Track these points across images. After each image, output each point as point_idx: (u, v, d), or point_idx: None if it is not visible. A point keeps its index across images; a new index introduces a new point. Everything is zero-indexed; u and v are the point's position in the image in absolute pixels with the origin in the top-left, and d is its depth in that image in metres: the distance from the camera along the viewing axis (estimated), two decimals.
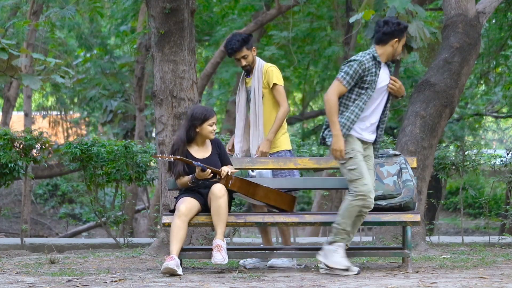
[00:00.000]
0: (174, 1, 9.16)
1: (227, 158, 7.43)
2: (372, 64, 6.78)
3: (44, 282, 6.27)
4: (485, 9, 10.39)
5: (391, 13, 10.03)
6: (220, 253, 6.86)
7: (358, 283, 5.99)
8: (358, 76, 6.73)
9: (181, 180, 7.24)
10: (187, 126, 7.33)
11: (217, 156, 7.34)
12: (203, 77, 16.77)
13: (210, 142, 7.42)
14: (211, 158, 7.29)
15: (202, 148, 7.36)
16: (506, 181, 11.46)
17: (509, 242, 10.80)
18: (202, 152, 7.34)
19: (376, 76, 6.78)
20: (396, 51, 6.93)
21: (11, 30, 17.40)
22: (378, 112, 6.92)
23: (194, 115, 7.30)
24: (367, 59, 6.77)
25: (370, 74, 6.76)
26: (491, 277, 6.31)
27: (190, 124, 7.30)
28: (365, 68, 6.73)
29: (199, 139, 7.35)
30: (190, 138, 7.32)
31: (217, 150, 7.39)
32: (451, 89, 9.97)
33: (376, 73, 6.78)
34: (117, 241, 11.00)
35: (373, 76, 6.77)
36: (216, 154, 7.36)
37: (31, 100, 20.72)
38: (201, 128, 7.27)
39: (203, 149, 7.36)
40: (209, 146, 7.39)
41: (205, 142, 7.40)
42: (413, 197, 7.19)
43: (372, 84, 6.76)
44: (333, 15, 19.37)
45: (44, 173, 20.54)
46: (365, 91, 6.76)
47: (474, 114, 24.26)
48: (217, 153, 7.37)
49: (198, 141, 7.35)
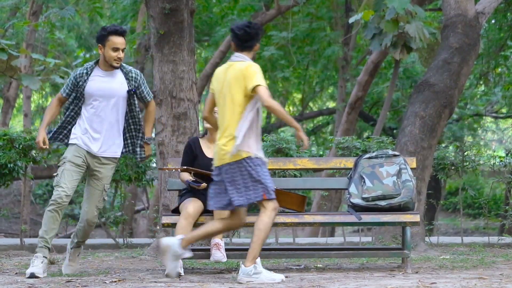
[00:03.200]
0: (174, 2, 9.16)
1: None
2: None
3: (44, 283, 6.26)
4: (485, 9, 10.40)
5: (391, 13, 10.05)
6: (220, 250, 6.87)
7: (357, 284, 5.99)
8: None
9: (181, 177, 7.20)
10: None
11: None
12: (202, 77, 16.79)
13: None
14: None
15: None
16: (506, 182, 11.47)
17: (509, 242, 10.81)
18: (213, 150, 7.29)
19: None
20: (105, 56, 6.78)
21: (11, 30, 17.40)
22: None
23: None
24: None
25: None
26: (490, 278, 6.31)
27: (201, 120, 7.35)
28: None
29: (211, 136, 7.28)
30: (203, 134, 7.35)
31: None
32: (450, 90, 9.97)
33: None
34: (116, 241, 11.00)
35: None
36: None
37: (30, 100, 20.71)
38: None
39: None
40: None
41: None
42: (413, 198, 7.19)
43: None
44: (332, 15, 19.40)
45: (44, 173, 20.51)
46: None
47: (473, 114, 24.28)
48: None
49: (210, 138, 7.31)
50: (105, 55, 6.75)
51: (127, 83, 6.82)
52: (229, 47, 17.04)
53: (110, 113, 6.77)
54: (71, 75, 6.81)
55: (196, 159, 7.20)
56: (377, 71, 17.56)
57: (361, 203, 7.17)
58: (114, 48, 6.74)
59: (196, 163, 7.17)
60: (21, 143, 10.62)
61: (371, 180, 7.22)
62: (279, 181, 7.66)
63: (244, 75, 6.22)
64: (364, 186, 7.21)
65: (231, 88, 6.25)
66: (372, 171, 7.29)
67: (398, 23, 10.22)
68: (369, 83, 16.88)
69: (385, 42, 10.58)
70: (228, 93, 6.26)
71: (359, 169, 7.35)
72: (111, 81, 6.80)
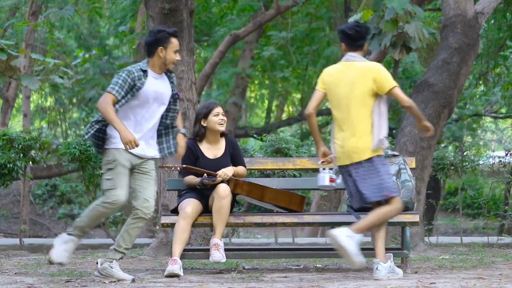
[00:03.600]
0: (173, 2, 9.16)
1: (239, 159, 7.30)
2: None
3: (43, 283, 6.27)
4: (484, 9, 10.40)
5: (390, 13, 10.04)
6: (219, 251, 6.84)
7: (356, 284, 5.99)
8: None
9: (188, 180, 7.15)
10: (194, 124, 7.30)
11: (229, 156, 7.23)
12: (202, 77, 16.76)
13: (224, 141, 7.29)
14: (221, 158, 7.19)
15: (215, 147, 7.25)
16: (505, 182, 11.47)
17: (508, 242, 10.81)
18: (214, 150, 7.23)
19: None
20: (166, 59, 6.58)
21: (10, 30, 17.40)
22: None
23: (198, 111, 7.28)
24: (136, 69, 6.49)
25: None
26: (489, 278, 6.31)
27: (195, 121, 7.27)
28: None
29: (210, 136, 7.24)
30: (201, 136, 7.25)
31: (230, 149, 7.27)
32: (449, 90, 9.98)
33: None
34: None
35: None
36: (229, 154, 7.25)
37: (30, 100, 20.70)
38: (207, 121, 7.21)
39: (216, 148, 7.25)
40: (222, 145, 7.27)
41: (218, 141, 7.27)
42: (412, 198, 7.20)
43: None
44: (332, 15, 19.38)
45: (43, 173, 20.54)
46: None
47: (472, 114, 24.27)
48: (230, 152, 7.26)
49: (209, 138, 7.25)
50: (166, 57, 6.50)
51: (171, 87, 6.70)
52: (228, 47, 17.02)
53: (156, 116, 6.54)
54: (124, 75, 6.40)
55: (198, 160, 7.18)
56: None
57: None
58: (176, 50, 6.55)
59: (198, 164, 7.14)
60: (20, 143, 10.62)
61: None
62: (278, 181, 7.66)
63: (373, 76, 6.34)
64: None
65: (355, 87, 6.36)
66: None
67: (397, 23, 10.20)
68: None
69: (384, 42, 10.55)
70: (352, 93, 6.36)
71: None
72: (163, 84, 6.58)
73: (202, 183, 7.00)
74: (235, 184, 7.01)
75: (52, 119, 26.14)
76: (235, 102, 20.85)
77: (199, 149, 7.20)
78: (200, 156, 7.16)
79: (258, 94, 28.25)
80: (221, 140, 7.30)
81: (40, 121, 26.87)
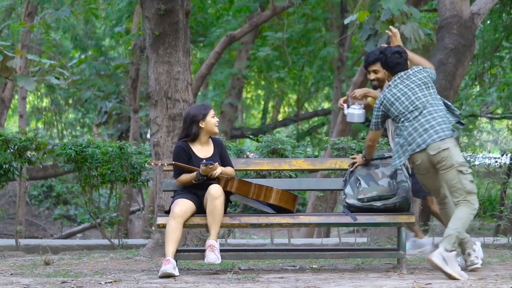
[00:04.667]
0: (169, 2, 9.16)
1: (227, 160, 7.40)
2: None
3: (39, 284, 6.26)
4: (480, 10, 10.40)
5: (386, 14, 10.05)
6: (214, 252, 6.84)
7: (352, 284, 5.99)
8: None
9: (182, 179, 7.21)
10: (188, 125, 7.31)
11: (218, 156, 7.33)
12: (198, 78, 16.77)
13: (212, 142, 7.39)
14: (212, 158, 7.26)
15: (205, 148, 7.34)
16: (501, 182, 11.47)
17: (504, 243, 10.81)
18: (205, 151, 7.32)
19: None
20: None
21: (6, 31, 17.37)
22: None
23: (194, 112, 7.31)
24: None
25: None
26: (485, 278, 6.32)
27: (191, 122, 7.28)
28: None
29: (203, 137, 7.31)
30: (195, 137, 7.30)
31: (218, 150, 7.38)
32: (445, 90, 9.98)
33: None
34: (111, 242, 10.99)
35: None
36: (218, 154, 7.34)
37: (25, 101, 20.69)
38: (205, 122, 7.27)
39: (206, 149, 7.34)
40: (211, 146, 7.37)
41: (208, 142, 7.37)
42: (408, 198, 7.20)
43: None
44: (328, 16, 19.41)
45: (39, 174, 20.52)
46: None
47: (468, 115, 24.27)
48: (218, 153, 7.36)
49: (201, 139, 7.32)
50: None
51: None
52: (224, 48, 17.04)
53: None
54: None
55: (190, 160, 7.23)
56: None
57: (357, 204, 7.18)
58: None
59: (191, 164, 7.19)
60: (16, 144, 10.61)
61: (366, 181, 7.23)
62: (274, 182, 7.66)
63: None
64: (359, 187, 7.22)
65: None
66: (368, 172, 7.30)
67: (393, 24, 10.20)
68: (364, 84, 16.86)
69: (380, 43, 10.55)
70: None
71: (355, 171, 7.36)
72: None
73: (199, 174, 7.05)
74: (226, 182, 7.07)
75: (48, 120, 26.08)
76: (231, 102, 20.87)
77: (191, 149, 7.26)
78: (193, 156, 7.22)
79: (254, 95, 28.28)
80: (209, 141, 7.39)
81: (36, 122, 26.83)
